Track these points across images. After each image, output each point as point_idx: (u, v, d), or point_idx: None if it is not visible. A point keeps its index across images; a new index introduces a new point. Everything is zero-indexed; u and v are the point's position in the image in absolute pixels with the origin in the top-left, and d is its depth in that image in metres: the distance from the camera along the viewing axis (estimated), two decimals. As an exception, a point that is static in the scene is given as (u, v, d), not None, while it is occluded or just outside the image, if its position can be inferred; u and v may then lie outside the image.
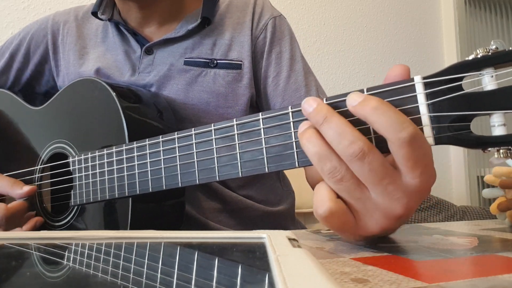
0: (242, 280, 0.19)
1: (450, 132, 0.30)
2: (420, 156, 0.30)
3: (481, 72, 0.30)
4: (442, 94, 0.30)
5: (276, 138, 0.37)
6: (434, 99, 0.30)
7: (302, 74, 0.69)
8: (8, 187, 0.58)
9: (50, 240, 0.30)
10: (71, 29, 0.74)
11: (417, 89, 0.31)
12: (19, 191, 0.57)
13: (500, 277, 0.25)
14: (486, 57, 0.29)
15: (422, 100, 0.31)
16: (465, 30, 2.40)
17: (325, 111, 0.32)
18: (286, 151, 0.36)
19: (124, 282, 0.19)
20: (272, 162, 0.37)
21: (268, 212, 0.69)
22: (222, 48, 0.67)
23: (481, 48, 0.30)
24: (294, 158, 0.36)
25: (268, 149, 0.37)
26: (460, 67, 0.30)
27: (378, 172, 0.30)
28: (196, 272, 0.20)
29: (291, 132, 0.36)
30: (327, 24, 2.06)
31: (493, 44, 0.30)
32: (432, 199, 1.61)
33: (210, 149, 0.41)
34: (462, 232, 0.43)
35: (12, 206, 0.55)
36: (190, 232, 0.29)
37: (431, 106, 0.31)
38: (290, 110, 0.36)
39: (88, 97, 0.58)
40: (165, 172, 0.45)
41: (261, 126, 0.38)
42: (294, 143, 0.36)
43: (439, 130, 0.30)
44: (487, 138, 0.29)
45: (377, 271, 0.26)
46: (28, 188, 0.57)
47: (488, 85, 0.29)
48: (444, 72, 0.30)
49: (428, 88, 0.31)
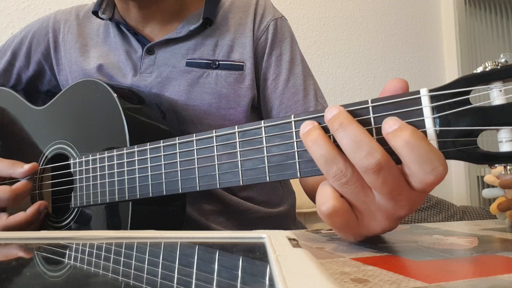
0: (242, 280, 0.19)
1: (455, 147, 0.30)
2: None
3: (489, 86, 0.29)
4: (448, 108, 0.29)
5: (278, 147, 0.36)
6: (440, 112, 0.30)
7: (301, 77, 0.69)
8: (8, 168, 0.56)
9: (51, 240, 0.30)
10: (72, 28, 0.74)
11: (423, 102, 0.30)
12: (20, 169, 0.56)
13: (500, 277, 0.25)
14: (494, 70, 0.28)
15: (428, 114, 0.30)
16: (465, 30, 2.40)
17: (342, 117, 0.31)
18: (288, 160, 0.36)
19: (124, 282, 0.19)
20: (273, 172, 0.37)
21: (268, 213, 0.69)
22: (224, 49, 0.67)
23: (490, 61, 0.29)
24: (296, 168, 0.35)
25: (270, 158, 0.37)
26: (467, 80, 0.29)
27: (390, 184, 0.30)
28: (196, 272, 0.20)
29: (293, 142, 0.35)
30: (327, 24, 2.06)
31: (503, 57, 0.29)
32: (432, 199, 1.61)
33: (211, 156, 0.40)
34: (462, 232, 0.43)
35: (17, 187, 0.54)
36: (190, 232, 0.29)
37: (437, 119, 0.30)
38: (292, 119, 0.35)
39: (89, 98, 0.58)
40: (165, 177, 0.44)
41: (263, 135, 0.37)
42: (296, 153, 0.35)
43: (444, 145, 0.30)
44: (494, 154, 0.29)
45: (377, 271, 0.26)
46: (29, 165, 0.56)
47: (496, 100, 0.28)
48: (451, 85, 0.29)
49: (434, 101, 0.30)
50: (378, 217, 0.32)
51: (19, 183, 0.55)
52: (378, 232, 0.34)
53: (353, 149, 0.30)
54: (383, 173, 0.29)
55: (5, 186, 0.54)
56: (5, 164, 0.57)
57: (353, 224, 0.33)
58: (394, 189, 0.30)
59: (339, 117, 0.31)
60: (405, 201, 0.31)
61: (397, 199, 0.31)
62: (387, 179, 0.29)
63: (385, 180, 0.29)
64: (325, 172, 0.32)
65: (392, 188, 0.30)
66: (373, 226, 0.33)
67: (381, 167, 0.29)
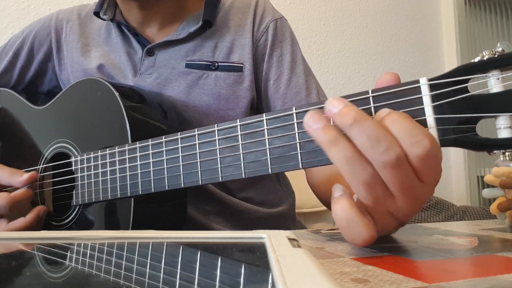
0: (242, 280, 0.19)
1: (455, 134, 0.30)
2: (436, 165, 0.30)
3: (487, 75, 0.29)
4: (447, 96, 0.30)
5: (280, 139, 0.37)
6: (440, 101, 0.30)
7: (303, 77, 0.69)
8: (8, 177, 0.56)
9: (51, 240, 0.30)
10: (74, 27, 0.74)
11: (423, 90, 0.31)
12: (18, 179, 0.56)
13: (500, 277, 0.25)
14: (492, 59, 0.29)
15: (427, 102, 0.31)
16: (465, 30, 2.40)
17: (354, 113, 0.29)
18: (290, 152, 0.36)
19: (125, 282, 0.19)
20: (275, 163, 0.37)
21: (268, 213, 0.69)
22: (224, 50, 0.67)
23: (487, 50, 0.30)
24: (298, 159, 0.36)
25: (272, 150, 0.37)
26: (466, 69, 0.30)
27: (405, 179, 0.29)
28: (196, 272, 0.20)
29: (295, 133, 0.36)
30: (327, 24, 2.06)
31: (499, 46, 0.30)
32: (432, 199, 1.61)
33: (213, 150, 0.41)
34: (462, 232, 0.43)
35: (15, 195, 0.54)
36: (190, 232, 0.29)
37: (436, 108, 0.30)
38: (294, 111, 0.36)
39: (91, 96, 0.58)
40: (167, 172, 0.45)
41: (265, 127, 0.37)
42: (298, 144, 0.36)
43: (444, 132, 0.30)
44: (492, 141, 0.29)
45: (377, 271, 0.26)
46: (27, 175, 0.56)
47: (494, 88, 0.29)
48: (449, 74, 0.30)
49: (433, 90, 0.31)
50: (392, 218, 0.32)
51: (18, 191, 0.55)
52: (391, 231, 0.34)
53: (371, 145, 0.29)
54: (402, 167, 0.29)
55: (4, 193, 0.54)
56: (5, 172, 0.57)
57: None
58: (409, 184, 0.30)
59: (351, 112, 0.30)
60: (414, 196, 0.31)
61: (409, 193, 0.30)
62: (404, 173, 0.29)
63: (402, 175, 0.29)
64: (350, 176, 0.30)
65: (407, 183, 0.29)
66: (386, 227, 0.33)
67: (401, 160, 0.29)
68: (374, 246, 0.35)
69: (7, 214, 0.55)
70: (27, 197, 0.55)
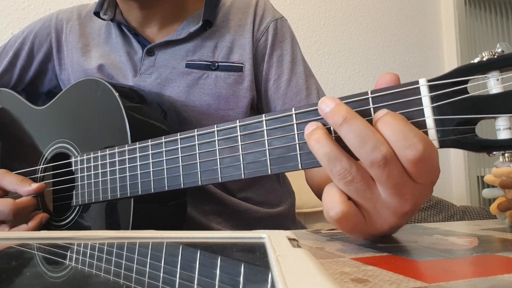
0: (242, 280, 0.19)
1: (454, 136, 0.30)
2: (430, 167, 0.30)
3: (487, 75, 0.29)
4: (447, 97, 0.30)
5: (279, 140, 0.37)
6: (439, 102, 0.30)
7: (303, 77, 0.69)
8: (16, 184, 0.57)
9: (51, 240, 0.30)
10: (74, 27, 0.74)
11: (422, 91, 0.31)
12: (27, 188, 0.56)
13: (500, 277, 0.25)
14: (491, 60, 0.29)
15: (426, 103, 0.31)
16: (465, 30, 2.40)
17: (344, 112, 0.31)
18: (289, 153, 0.36)
19: (125, 282, 0.19)
20: (275, 164, 0.37)
21: (268, 213, 0.69)
22: (224, 50, 0.67)
23: (487, 51, 0.30)
24: (297, 160, 0.36)
25: (271, 151, 0.37)
26: (465, 70, 0.30)
27: (395, 178, 0.30)
28: (196, 272, 0.20)
29: (294, 134, 0.36)
30: (327, 24, 2.06)
31: (499, 47, 0.29)
32: (432, 199, 1.61)
33: (212, 150, 0.41)
34: (462, 232, 0.43)
35: (20, 202, 0.55)
36: (190, 232, 0.29)
37: (436, 109, 0.30)
38: (293, 112, 0.36)
39: (91, 97, 0.58)
40: (167, 173, 0.45)
41: (264, 128, 0.37)
42: (298, 145, 0.36)
43: (443, 133, 0.30)
44: (492, 142, 0.29)
45: (377, 271, 0.26)
46: (36, 185, 0.57)
47: (494, 89, 0.29)
48: (449, 75, 0.30)
49: (433, 90, 0.30)
50: (385, 214, 0.32)
51: (23, 198, 0.56)
52: (386, 230, 0.34)
53: (358, 144, 0.30)
54: (389, 166, 0.29)
55: (8, 199, 0.55)
56: (13, 179, 0.58)
57: (362, 225, 0.33)
58: (399, 182, 0.30)
59: (340, 112, 0.31)
60: (410, 195, 0.31)
61: (402, 193, 0.31)
62: (393, 172, 0.30)
63: (391, 174, 0.30)
64: (329, 171, 0.32)
65: (397, 182, 0.30)
66: (381, 224, 0.33)
67: (388, 160, 0.29)
68: (374, 246, 0.35)
69: (10, 220, 0.55)
70: (32, 205, 0.56)
